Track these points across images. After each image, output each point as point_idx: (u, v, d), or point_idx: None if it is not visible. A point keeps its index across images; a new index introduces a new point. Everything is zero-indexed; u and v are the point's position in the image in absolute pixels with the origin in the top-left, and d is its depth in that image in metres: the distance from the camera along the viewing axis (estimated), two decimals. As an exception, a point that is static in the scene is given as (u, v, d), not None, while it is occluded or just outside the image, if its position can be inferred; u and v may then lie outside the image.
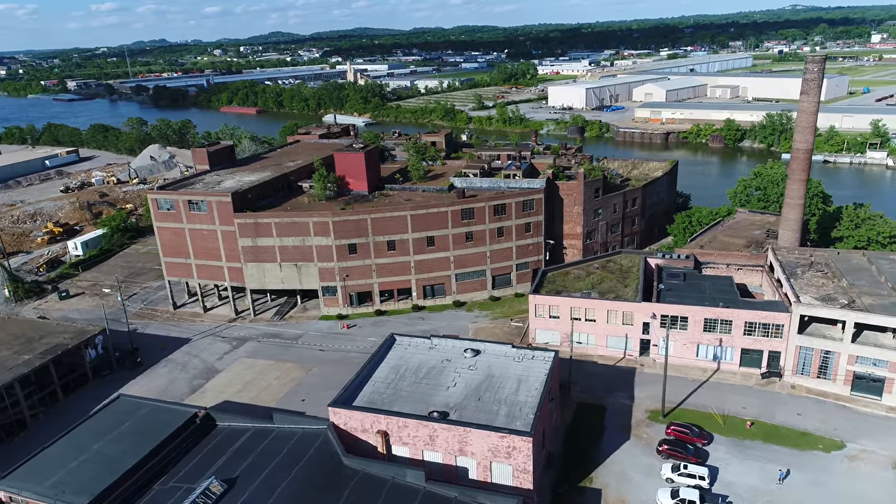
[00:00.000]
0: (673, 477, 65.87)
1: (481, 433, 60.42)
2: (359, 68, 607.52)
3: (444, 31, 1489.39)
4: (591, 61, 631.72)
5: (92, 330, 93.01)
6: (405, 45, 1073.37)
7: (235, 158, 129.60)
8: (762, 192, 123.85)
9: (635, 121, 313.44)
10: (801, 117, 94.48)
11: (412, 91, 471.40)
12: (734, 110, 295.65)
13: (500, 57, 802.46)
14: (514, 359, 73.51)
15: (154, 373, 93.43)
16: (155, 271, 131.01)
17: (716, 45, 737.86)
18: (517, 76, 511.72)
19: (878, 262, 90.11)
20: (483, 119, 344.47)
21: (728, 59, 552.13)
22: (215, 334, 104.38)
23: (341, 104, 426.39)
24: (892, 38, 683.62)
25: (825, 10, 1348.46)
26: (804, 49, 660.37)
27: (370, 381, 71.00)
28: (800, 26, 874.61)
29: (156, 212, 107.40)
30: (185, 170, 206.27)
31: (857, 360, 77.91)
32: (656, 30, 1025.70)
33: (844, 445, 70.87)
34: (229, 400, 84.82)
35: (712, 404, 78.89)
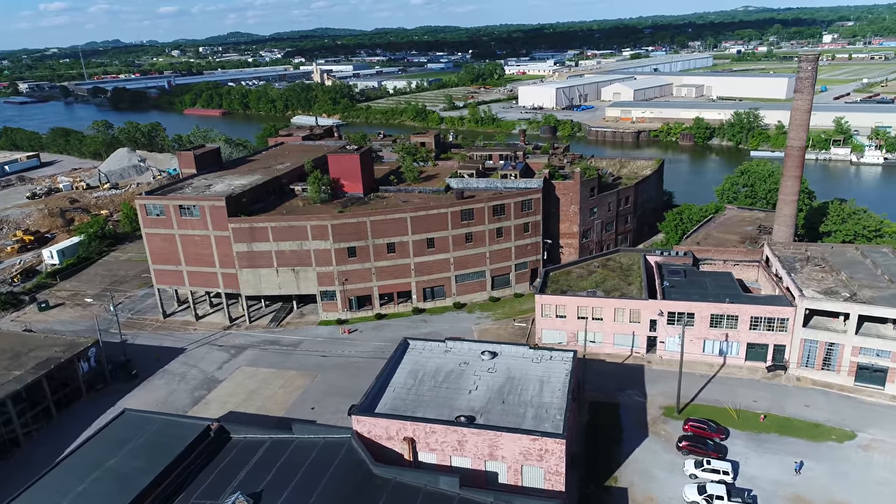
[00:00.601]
0: (697, 473, 66.35)
1: (513, 436, 59.74)
2: (324, 69, 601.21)
3: (407, 31, 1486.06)
4: (556, 61, 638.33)
5: (84, 342, 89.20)
6: (368, 45, 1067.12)
7: (222, 161, 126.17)
8: (749, 188, 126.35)
9: (606, 120, 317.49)
10: (794, 115, 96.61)
11: (381, 92, 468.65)
12: (702, 109, 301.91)
13: (464, 57, 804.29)
14: (532, 360, 73.06)
15: (151, 385, 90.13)
16: (139, 279, 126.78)
17: (675, 46, 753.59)
18: (485, 76, 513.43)
19: (872, 256, 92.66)
20: (455, 119, 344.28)
21: (689, 58, 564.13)
22: (211, 343, 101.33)
23: (309, 105, 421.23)
24: (842, 39, 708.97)
25: (776, 10, 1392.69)
26: (759, 49, 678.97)
27: (389, 387, 69.64)
28: (754, 27, 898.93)
29: (144, 218, 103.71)
30: (158, 174, 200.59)
31: (861, 351, 79.88)
32: (616, 30, 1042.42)
33: (856, 435, 72.51)
34: (234, 411, 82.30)
35: (723, 399, 79.89)
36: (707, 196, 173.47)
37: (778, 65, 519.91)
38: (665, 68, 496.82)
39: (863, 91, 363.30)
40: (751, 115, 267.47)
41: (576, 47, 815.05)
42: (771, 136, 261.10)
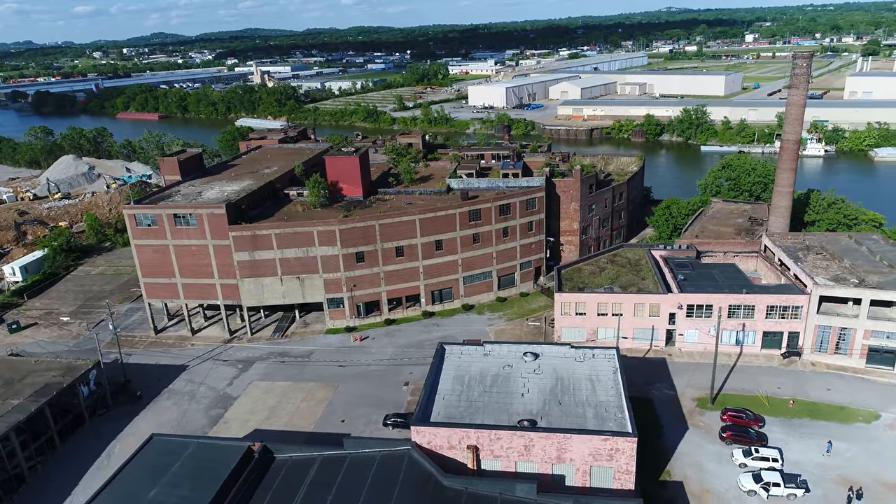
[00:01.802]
0: (746, 462, 67.59)
1: (583, 438, 59.09)
2: (263, 70, 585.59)
3: (340, 31, 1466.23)
4: (497, 61, 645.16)
5: (84, 364, 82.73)
6: (303, 46, 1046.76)
7: (205, 167, 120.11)
8: (733, 181, 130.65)
9: (558, 118, 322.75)
10: (789, 110, 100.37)
11: (326, 93, 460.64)
12: (651, 106, 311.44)
13: (403, 57, 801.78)
14: (575, 359, 72.72)
15: (158, 406, 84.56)
16: (119, 293, 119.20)
17: (609, 45, 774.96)
18: (430, 76, 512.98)
19: (866, 243, 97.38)
20: (407, 120, 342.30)
21: (626, 57, 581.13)
22: (214, 358, 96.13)
23: (253, 108, 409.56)
24: (763, 38, 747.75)
25: (696, 11, 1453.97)
26: (688, 48, 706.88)
27: (437, 394, 67.71)
28: (679, 27, 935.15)
29: (134, 228, 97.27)
30: (112, 182, 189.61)
31: (872, 334, 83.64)
32: (550, 30, 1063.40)
33: (880, 415, 75.77)
34: (259, 429, 78.23)
35: (749, 387, 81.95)
36: (675, 190, 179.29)
37: (709, 63, 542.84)
38: (604, 67, 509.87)
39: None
40: (698, 111, 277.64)
41: (513, 47, 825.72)
42: (718, 131, 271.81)
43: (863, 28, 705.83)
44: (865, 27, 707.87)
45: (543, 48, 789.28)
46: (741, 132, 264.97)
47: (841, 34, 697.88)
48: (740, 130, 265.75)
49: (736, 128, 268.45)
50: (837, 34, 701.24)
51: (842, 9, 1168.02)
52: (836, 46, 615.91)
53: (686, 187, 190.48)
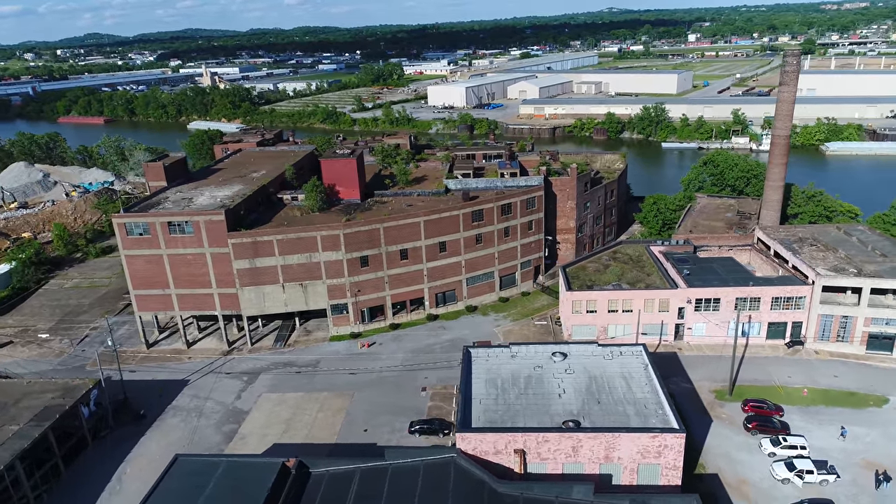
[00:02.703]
0: (776, 451, 69.02)
1: (631, 436, 59.09)
2: (213, 71, 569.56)
3: (286, 31, 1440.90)
4: (450, 61, 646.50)
5: (84, 384, 77.90)
6: (249, 46, 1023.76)
7: (189, 172, 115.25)
8: (716, 177, 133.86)
9: (520, 117, 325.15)
10: (780, 106, 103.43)
11: (281, 94, 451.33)
12: (610, 105, 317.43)
13: (353, 57, 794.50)
14: (603, 357, 72.86)
15: (165, 424, 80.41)
16: (100, 307, 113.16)
17: (559, 45, 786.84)
18: (385, 77, 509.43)
19: (855, 234, 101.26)
20: (368, 121, 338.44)
21: (578, 57, 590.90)
22: (215, 371, 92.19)
23: (206, 110, 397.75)
24: (705, 38, 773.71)
25: (637, 12, 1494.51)
26: (634, 48, 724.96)
27: (473, 399, 66.61)
28: (623, 27, 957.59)
29: (124, 238, 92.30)
30: (72, 189, 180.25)
31: (872, 321, 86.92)
32: (500, 30, 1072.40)
33: (888, 399, 78.74)
34: (279, 443, 75.29)
35: (760, 378, 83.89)
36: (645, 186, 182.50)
37: (657, 62, 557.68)
38: (557, 66, 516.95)
39: (740, 85, 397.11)
40: (658, 109, 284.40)
41: (464, 47, 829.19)
42: (677, 128, 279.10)
43: (796, 28, 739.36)
44: (799, 27, 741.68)
45: (494, 48, 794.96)
46: (699, 129, 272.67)
47: (777, 34, 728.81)
48: (698, 127, 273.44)
49: (694, 124, 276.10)
50: (774, 34, 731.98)
51: (773, 10, 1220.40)
52: (774, 45, 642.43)
53: (655, 183, 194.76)
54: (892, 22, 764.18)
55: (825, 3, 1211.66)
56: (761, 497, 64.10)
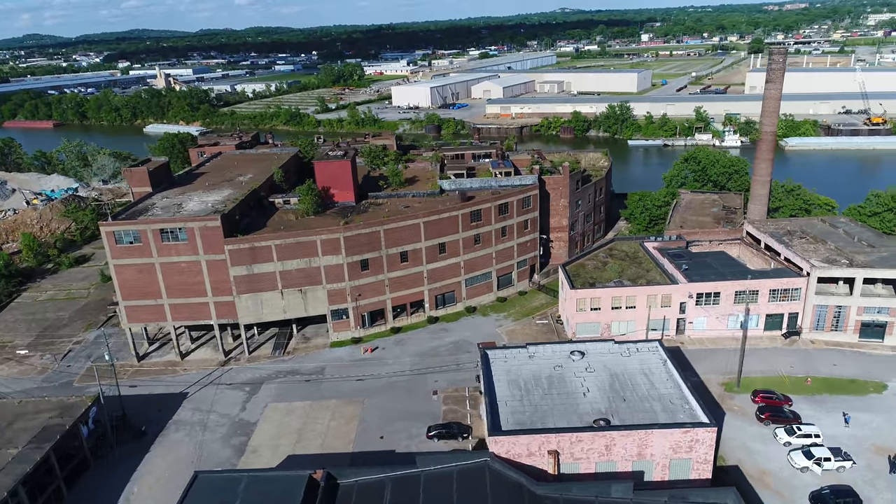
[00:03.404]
0: (791, 440, 70.54)
1: (664, 432, 59.45)
2: (166, 73, 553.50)
3: (237, 32, 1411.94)
4: (409, 61, 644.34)
5: (83, 402, 74.07)
6: (200, 47, 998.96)
7: (174, 177, 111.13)
8: (698, 173, 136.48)
9: (487, 117, 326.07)
10: (766, 103, 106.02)
11: (240, 96, 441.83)
12: (576, 103, 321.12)
13: (310, 58, 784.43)
14: (621, 354, 73.22)
15: (169, 440, 77.17)
16: (79, 319, 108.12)
17: (516, 45, 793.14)
18: (345, 77, 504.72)
19: (840, 225, 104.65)
20: (333, 122, 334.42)
21: (536, 56, 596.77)
22: (214, 383, 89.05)
23: (162, 112, 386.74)
24: (658, 38, 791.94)
25: (588, 12, 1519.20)
26: (588, 48, 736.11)
27: (499, 402, 65.95)
28: (578, 27, 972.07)
29: (113, 247, 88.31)
30: (34, 197, 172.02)
31: (865, 310, 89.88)
32: (456, 30, 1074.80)
33: (887, 385, 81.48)
34: (293, 454, 73.15)
35: (764, 368, 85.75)
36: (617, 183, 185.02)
37: (614, 61, 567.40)
38: (517, 66, 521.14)
39: (696, 83, 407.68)
40: (623, 107, 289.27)
41: (422, 47, 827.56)
42: (641, 126, 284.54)
43: (744, 28, 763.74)
44: (746, 27, 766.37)
45: (451, 48, 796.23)
46: (663, 126, 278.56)
47: (726, 34, 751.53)
48: (662, 125, 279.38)
49: (658, 122, 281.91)
50: (723, 33, 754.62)
51: (719, 10, 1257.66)
52: (724, 45, 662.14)
53: (626, 180, 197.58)
54: (832, 22, 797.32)
55: (767, 3, 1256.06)
56: (783, 486, 65.36)
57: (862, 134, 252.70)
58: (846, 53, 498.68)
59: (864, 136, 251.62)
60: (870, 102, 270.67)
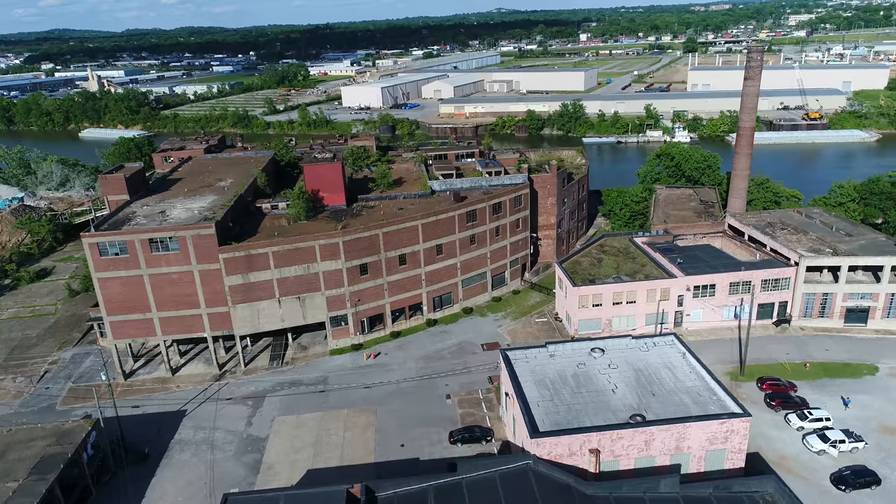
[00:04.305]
0: (803, 425, 72.91)
1: (701, 424, 60.20)
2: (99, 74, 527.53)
3: (167, 32, 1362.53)
4: (353, 61, 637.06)
5: (81, 427, 69.06)
6: (129, 48, 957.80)
7: (149, 184, 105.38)
8: (671, 168, 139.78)
9: (441, 116, 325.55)
10: (745, 100, 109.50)
11: (181, 98, 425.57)
12: (529, 102, 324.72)
13: (248, 59, 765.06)
14: (640, 349, 73.87)
15: (175, 462, 72.97)
16: (50, 338, 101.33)
17: (459, 45, 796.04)
18: (289, 78, 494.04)
19: (815, 216, 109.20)
20: (283, 123, 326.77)
21: (482, 56, 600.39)
22: (213, 398, 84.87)
23: (98, 116, 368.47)
24: (595, 37, 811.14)
25: (525, 12, 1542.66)
26: (527, 47, 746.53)
27: (530, 403, 65.23)
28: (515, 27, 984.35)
29: (97, 260, 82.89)
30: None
31: (849, 297, 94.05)
32: (396, 30, 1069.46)
33: (878, 367, 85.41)
34: (313, 469, 70.47)
35: (762, 356, 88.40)
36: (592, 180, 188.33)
37: (557, 60, 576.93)
38: (463, 66, 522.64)
39: (639, 81, 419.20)
40: (576, 105, 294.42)
41: (363, 47, 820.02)
42: (594, 123, 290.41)
43: (676, 28, 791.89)
44: (678, 27, 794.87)
45: (393, 48, 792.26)
46: (615, 124, 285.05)
47: (660, 33, 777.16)
48: (614, 122, 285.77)
49: (610, 120, 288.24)
50: (657, 33, 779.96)
51: (649, 10, 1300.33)
52: (660, 45, 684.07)
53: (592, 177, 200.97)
54: (756, 22, 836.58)
55: (694, 4, 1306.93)
56: (804, 470, 67.43)
57: (801, 129, 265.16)
58: (774, 52, 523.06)
59: (803, 130, 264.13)
60: (807, 99, 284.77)
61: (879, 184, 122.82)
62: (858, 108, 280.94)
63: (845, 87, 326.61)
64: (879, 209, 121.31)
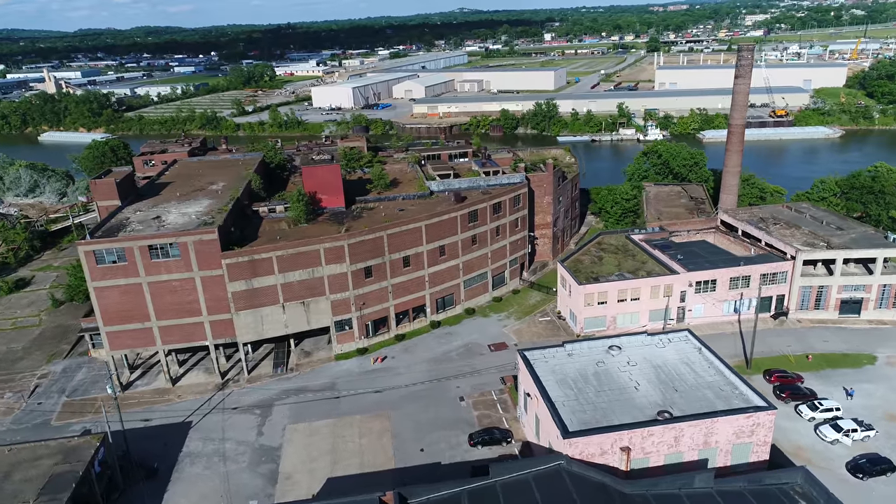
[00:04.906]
0: (815, 416, 74.36)
1: (729, 419, 60.81)
2: (56, 76, 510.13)
3: (123, 32, 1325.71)
4: (318, 61, 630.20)
5: (88, 443, 66.12)
6: (84, 48, 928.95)
7: (138, 189, 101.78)
8: (659, 166, 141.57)
9: (414, 116, 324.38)
10: (736, 98, 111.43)
11: (144, 100, 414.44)
12: (503, 102, 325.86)
13: (210, 59, 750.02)
14: (655, 346, 74.36)
15: (187, 476, 70.50)
16: (37, 350, 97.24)
17: (425, 45, 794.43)
18: (256, 78, 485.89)
19: (804, 211, 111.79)
20: (254, 125, 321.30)
21: (449, 56, 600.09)
22: (218, 408, 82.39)
23: (58, 119, 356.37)
24: (560, 37, 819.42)
25: (487, 12, 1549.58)
26: (493, 47, 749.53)
27: (555, 403, 64.92)
28: (479, 27, 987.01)
29: (93, 269, 79.61)
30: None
31: (843, 289, 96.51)
32: (360, 30, 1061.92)
33: (876, 356, 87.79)
34: (333, 477, 68.91)
35: (764, 349, 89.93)
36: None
37: (524, 60, 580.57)
38: (431, 65, 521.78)
39: (607, 81, 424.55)
40: (549, 104, 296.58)
41: (328, 47, 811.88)
42: (568, 122, 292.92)
43: (638, 28, 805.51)
44: (640, 27, 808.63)
45: (359, 48, 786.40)
46: (588, 122, 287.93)
47: (623, 33, 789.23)
48: (588, 121, 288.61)
49: (583, 118, 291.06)
50: (619, 33, 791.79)
51: (609, 11, 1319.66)
52: (624, 44, 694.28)
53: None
54: (714, 22, 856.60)
55: (653, 4, 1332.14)
56: (820, 459, 68.70)
57: (769, 126, 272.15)
58: (733, 51, 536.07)
59: (770, 127, 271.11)
60: (774, 97, 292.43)
61: (860, 178, 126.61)
62: (821, 105, 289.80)
63: (806, 84, 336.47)
64: (861, 203, 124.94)
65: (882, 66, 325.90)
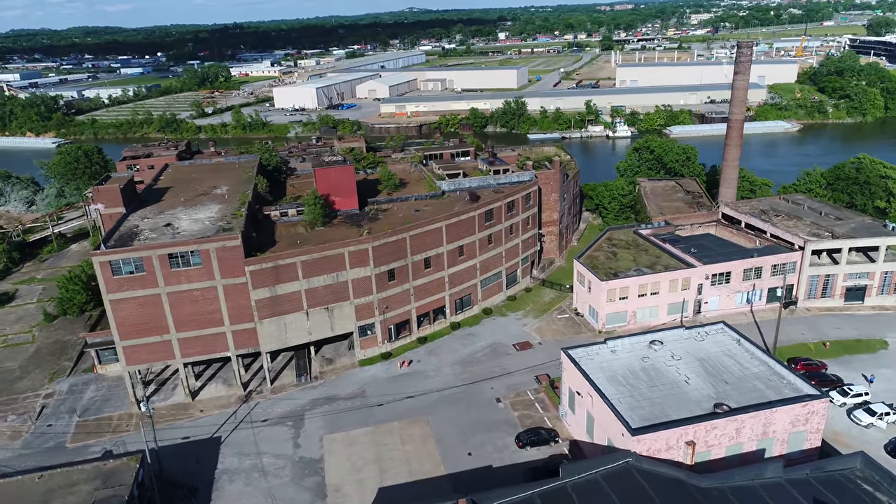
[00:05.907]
0: (846, 401, 76.47)
1: (786, 409, 61.75)
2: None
3: (59, 32, 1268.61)
4: (272, 62, 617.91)
5: (130, 465, 62.32)
6: (20, 49, 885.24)
7: (139, 195, 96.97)
8: (651, 161, 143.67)
9: (382, 116, 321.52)
10: (735, 93, 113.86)
11: (95, 102, 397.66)
12: (471, 100, 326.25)
13: (158, 60, 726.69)
14: (695, 339, 75.06)
15: (229, 493, 67.39)
16: (37, 369, 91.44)
17: (380, 44, 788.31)
18: (210, 79, 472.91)
19: (802, 202, 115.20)
20: (216, 127, 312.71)
21: (407, 55, 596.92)
22: (246, 421, 79.13)
23: (3, 123, 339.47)
24: (514, 36, 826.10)
25: (436, 12, 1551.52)
26: (448, 46, 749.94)
27: (612, 400, 64.73)
28: (428, 26, 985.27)
29: (109, 280, 75.27)
30: None
31: (849, 277, 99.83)
32: (311, 30, 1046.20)
33: (887, 341, 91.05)
34: (384, 487, 67.00)
35: (782, 338, 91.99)
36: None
37: (481, 59, 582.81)
38: (390, 65, 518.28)
39: (568, 78, 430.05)
40: (519, 103, 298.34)
41: (280, 47, 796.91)
42: (537, 120, 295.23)
43: (590, 27, 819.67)
44: (592, 26, 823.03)
45: (311, 48, 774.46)
46: (557, 120, 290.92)
47: (575, 32, 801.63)
48: (557, 118, 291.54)
49: (552, 116, 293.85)
50: (572, 32, 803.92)
51: (557, 10, 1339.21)
52: (579, 42, 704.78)
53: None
54: (661, 21, 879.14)
55: (599, 4, 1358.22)
56: (858, 443, 70.40)
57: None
58: (684, 49, 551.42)
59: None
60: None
61: (844, 169, 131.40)
62: (779, 100, 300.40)
63: (761, 80, 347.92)
64: (847, 193, 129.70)
65: (831, 63, 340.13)
